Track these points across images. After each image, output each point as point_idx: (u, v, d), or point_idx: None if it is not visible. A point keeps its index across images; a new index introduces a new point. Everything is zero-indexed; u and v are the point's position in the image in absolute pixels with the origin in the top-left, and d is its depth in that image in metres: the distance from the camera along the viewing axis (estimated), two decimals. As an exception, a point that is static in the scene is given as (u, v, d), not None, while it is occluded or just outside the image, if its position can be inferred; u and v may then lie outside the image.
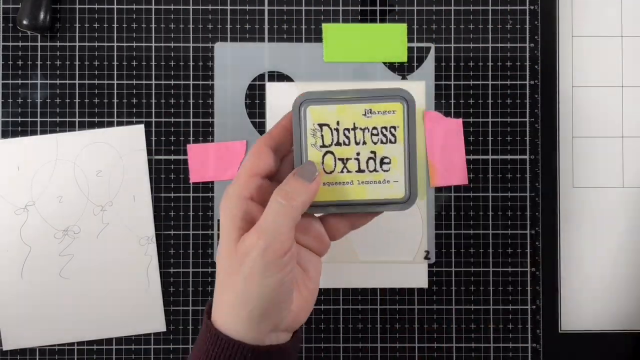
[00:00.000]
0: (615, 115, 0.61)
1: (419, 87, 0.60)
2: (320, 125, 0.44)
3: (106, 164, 0.59)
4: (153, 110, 0.60)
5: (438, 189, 0.60)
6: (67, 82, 0.59)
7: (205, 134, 0.60)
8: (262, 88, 0.60)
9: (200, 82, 0.60)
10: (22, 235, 0.58)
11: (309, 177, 0.43)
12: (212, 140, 0.60)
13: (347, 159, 0.44)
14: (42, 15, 0.58)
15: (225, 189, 0.44)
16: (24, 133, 0.59)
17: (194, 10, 0.60)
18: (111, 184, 0.59)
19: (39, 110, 0.59)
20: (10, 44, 0.59)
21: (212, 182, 0.59)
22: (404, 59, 0.60)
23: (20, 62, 0.59)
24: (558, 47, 0.60)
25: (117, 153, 0.59)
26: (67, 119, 0.59)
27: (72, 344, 0.59)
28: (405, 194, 0.45)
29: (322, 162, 0.44)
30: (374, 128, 0.44)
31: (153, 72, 0.60)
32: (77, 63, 0.60)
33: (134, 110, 0.59)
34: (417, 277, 0.59)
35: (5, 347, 0.58)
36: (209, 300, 0.47)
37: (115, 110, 0.59)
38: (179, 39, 0.60)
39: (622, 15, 0.60)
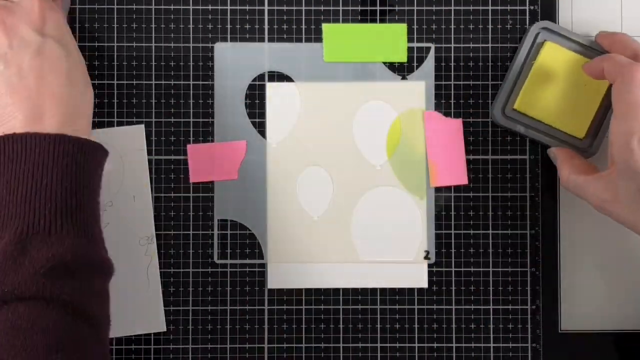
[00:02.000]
0: (615, 115, 0.60)
1: (419, 87, 0.60)
2: None
3: (106, 164, 0.59)
4: (153, 110, 0.60)
5: (438, 189, 0.60)
6: (67, 82, 0.59)
7: (205, 134, 0.60)
8: (262, 88, 0.60)
9: (200, 82, 0.60)
10: (22, 235, 0.58)
11: None
12: (212, 140, 0.60)
13: None
14: (42, 15, 0.58)
15: None
16: (24, 133, 0.59)
17: (194, 10, 0.60)
18: (111, 184, 0.59)
19: (39, 110, 0.59)
20: (10, 44, 0.59)
21: (212, 182, 0.59)
22: (404, 59, 0.60)
23: (20, 62, 0.59)
24: (558, 47, 0.60)
25: (117, 153, 0.59)
26: (67, 119, 0.59)
27: (72, 344, 0.59)
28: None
29: None
30: None
31: (153, 72, 0.60)
32: (77, 63, 0.59)
33: (134, 110, 0.59)
34: (417, 276, 0.59)
35: (5, 347, 0.58)
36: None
37: (115, 110, 0.59)
38: (179, 39, 0.60)
39: (622, 15, 0.60)
